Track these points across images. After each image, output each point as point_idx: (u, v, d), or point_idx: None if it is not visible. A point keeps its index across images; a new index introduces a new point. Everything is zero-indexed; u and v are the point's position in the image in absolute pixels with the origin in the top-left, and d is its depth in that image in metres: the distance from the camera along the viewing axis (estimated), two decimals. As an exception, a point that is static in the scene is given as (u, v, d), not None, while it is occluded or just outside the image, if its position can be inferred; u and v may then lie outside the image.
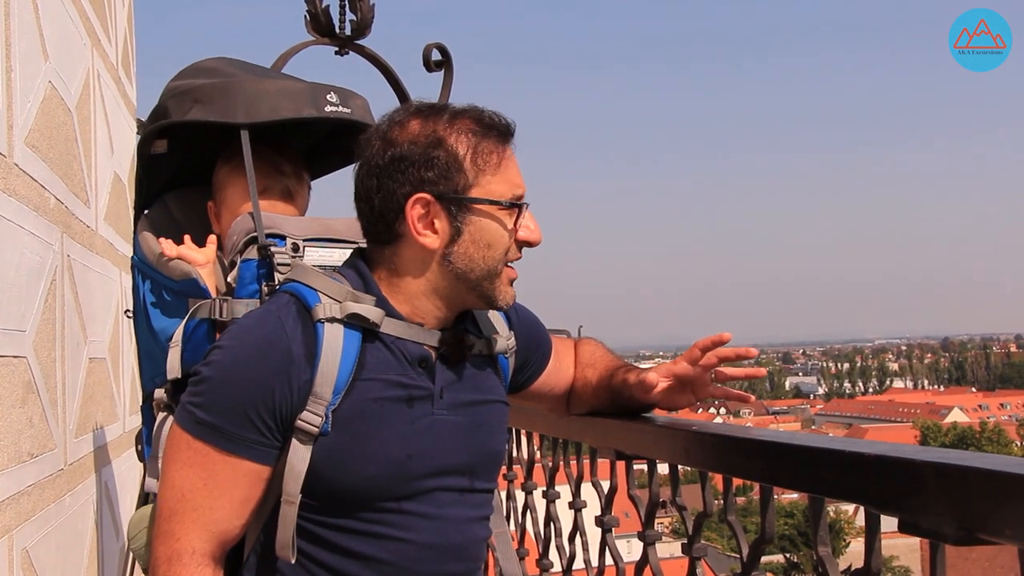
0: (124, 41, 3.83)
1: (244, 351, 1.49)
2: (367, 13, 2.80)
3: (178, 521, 1.49)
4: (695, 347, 1.88)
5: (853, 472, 1.32)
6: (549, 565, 2.87)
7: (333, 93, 1.98)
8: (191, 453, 1.49)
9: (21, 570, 1.87)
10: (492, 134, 1.58)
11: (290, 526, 1.50)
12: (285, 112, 1.92)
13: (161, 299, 1.93)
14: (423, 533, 1.56)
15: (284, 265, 1.71)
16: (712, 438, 1.71)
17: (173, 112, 1.94)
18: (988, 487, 1.09)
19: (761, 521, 1.62)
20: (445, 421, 1.59)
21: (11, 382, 1.86)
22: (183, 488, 1.49)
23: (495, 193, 1.57)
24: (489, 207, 1.56)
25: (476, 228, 1.56)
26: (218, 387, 1.48)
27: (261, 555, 1.57)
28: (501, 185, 1.57)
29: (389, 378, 1.54)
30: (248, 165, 1.85)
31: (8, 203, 1.87)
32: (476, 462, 1.65)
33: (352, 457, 1.50)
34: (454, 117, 1.58)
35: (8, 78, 1.91)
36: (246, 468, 1.49)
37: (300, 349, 1.49)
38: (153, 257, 1.95)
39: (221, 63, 2.08)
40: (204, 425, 1.48)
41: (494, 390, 1.73)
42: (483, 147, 1.57)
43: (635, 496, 2.19)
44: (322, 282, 1.56)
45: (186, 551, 1.48)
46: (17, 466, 1.88)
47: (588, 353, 2.05)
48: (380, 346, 1.55)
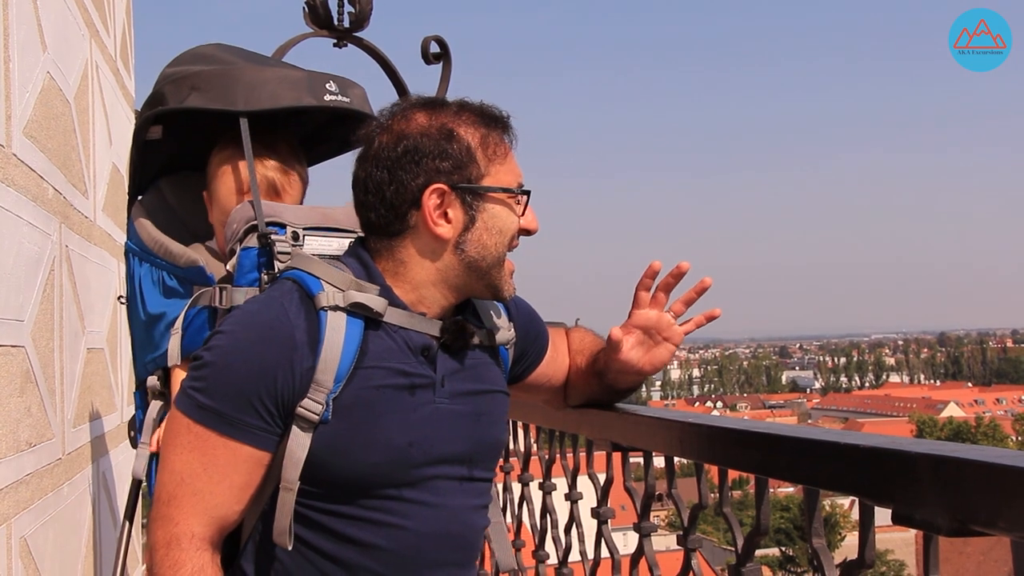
0: (123, 33, 3.83)
1: (247, 336, 1.50)
2: (365, 5, 2.80)
3: (177, 505, 1.49)
4: (637, 289, 1.86)
5: (847, 464, 1.33)
6: (545, 556, 2.88)
7: (332, 82, 1.99)
8: (191, 437, 1.49)
9: (20, 559, 1.88)
10: (497, 125, 1.63)
11: (288, 513, 1.50)
12: (285, 100, 1.92)
13: (162, 284, 1.93)
14: (422, 521, 1.57)
15: (284, 253, 1.71)
16: (707, 429, 1.72)
17: (170, 98, 1.94)
18: (982, 479, 1.09)
19: (756, 513, 1.63)
20: (446, 410, 1.60)
21: (9, 371, 1.86)
22: (182, 472, 1.49)
23: (505, 182, 1.61)
24: (501, 195, 1.60)
25: (489, 216, 1.60)
26: (220, 372, 1.48)
27: (259, 542, 1.57)
28: (509, 174, 1.62)
29: (391, 366, 1.55)
30: (247, 152, 1.85)
31: (7, 193, 1.87)
32: (476, 451, 1.65)
33: (353, 444, 1.50)
34: (460, 110, 1.61)
35: (7, 69, 1.91)
36: (246, 453, 1.50)
37: (303, 336, 1.49)
38: (152, 243, 1.95)
39: (218, 50, 2.07)
40: (205, 409, 1.48)
41: (495, 380, 1.74)
42: (491, 138, 1.61)
43: (631, 488, 2.20)
44: (325, 270, 1.57)
45: (185, 535, 1.48)
46: (15, 455, 1.88)
47: (578, 340, 2.05)
48: (382, 334, 1.56)
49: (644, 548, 2.10)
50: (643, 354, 1.88)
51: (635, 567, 2.13)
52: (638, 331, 1.87)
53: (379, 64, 2.88)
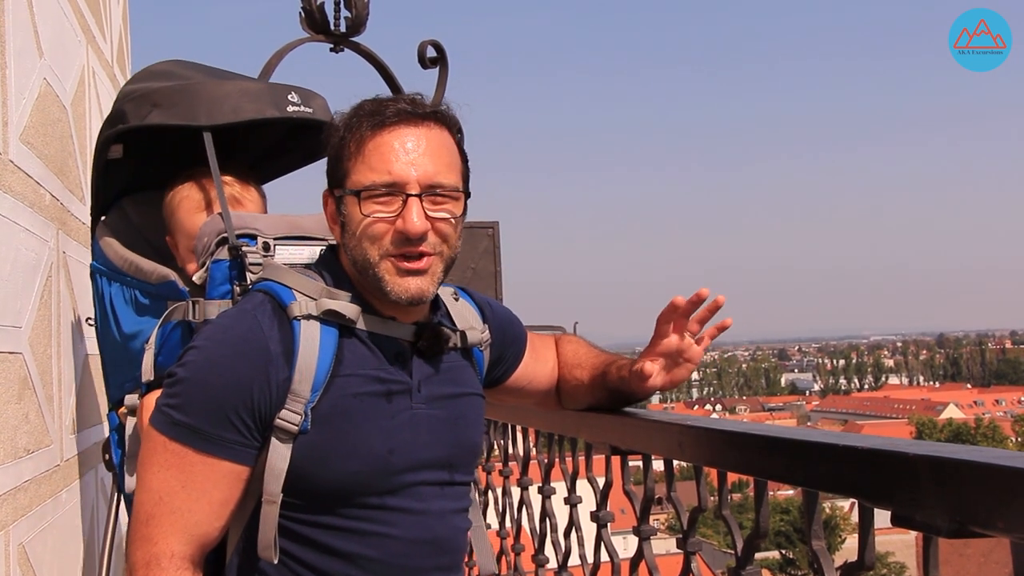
0: (119, 38, 3.83)
1: (220, 350, 1.48)
2: (362, 10, 2.80)
3: (156, 525, 1.47)
4: (659, 322, 1.86)
5: (846, 465, 1.32)
6: (545, 561, 2.88)
7: (294, 93, 1.98)
8: (168, 455, 1.47)
9: (18, 565, 1.87)
10: (370, 121, 1.54)
11: (272, 526, 1.49)
12: (247, 113, 1.91)
13: (134, 302, 1.90)
14: (407, 528, 1.56)
15: (256, 264, 1.69)
16: (706, 432, 1.72)
17: (131, 116, 1.92)
18: (981, 480, 1.09)
19: (756, 515, 1.62)
20: (424, 415, 1.59)
21: (7, 378, 1.86)
22: (160, 491, 1.47)
23: (355, 182, 1.54)
24: (351, 197, 1.55)
25: (348, 219, 1.56)
26: (195, 387, 1.46)
27: (243, 556, 1.55)
28: (362, 173, 1.54)
29: (367, 373, 1.54)
30: (213, 165, 1.83)
31: (3, 200, 1.87)
32: (455, 455, 1.65)
33: (334, 454, 1.49)
34: (356, 108, 1.58)
35: (3, 75, 1.91)
36: (225, 469, 1.47)
37: (278, 347, 1.48)
38: (121, 261, 1.93)
39: (175, 66, 2.06)
40: (180, 426, 1.46)
41: (470, 383, 1.73)
42: (356, 136, 1.55)
43: (630, 492, 2.20)
44: (296, 280, 1.56)
45: (164, 555, 1.46)
46: (13, 462, 1.88)
47: (572, 352, 2.04)
48: (357, 342, 1.55)
49: (644, 552, 2.10)
50: (665, 376, 1.90)
51: (635, 571, 2.12)
52: (661, 358, 1.88)
53: (376, 69, 2.89)
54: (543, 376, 2.01)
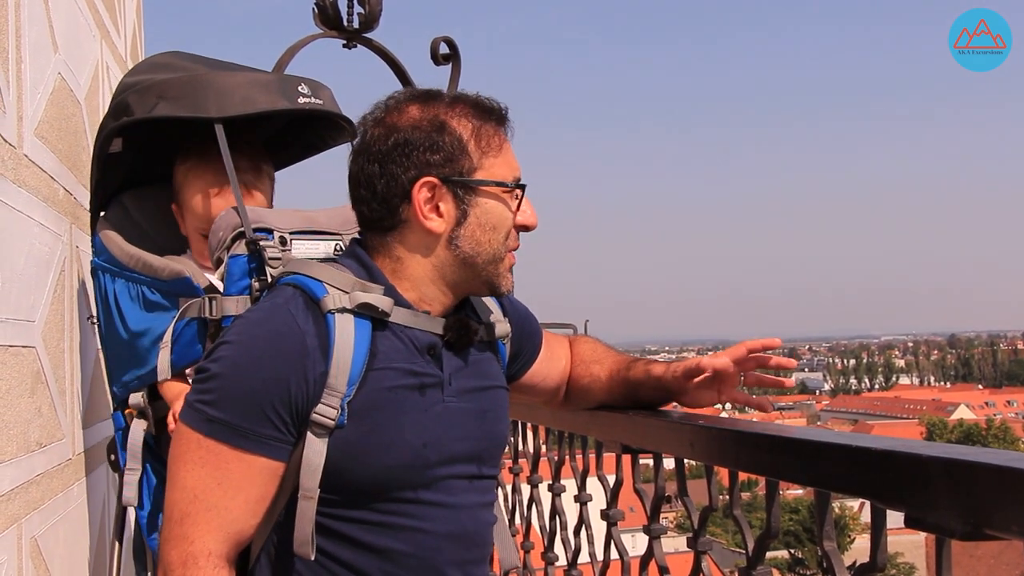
0: (133, 33, 3.84)
1: (256, 345, 1.47)
2: (375, 6, 2.80)
3: (192, 523, 1.45)
4: (743, 346, 1.84)
5: (859, 467, 1.32)
6: (554, 558, 2.88)
7: (304, 84, 1.95)
8: (202, 452, 1.46)
9: (30, 559, 1.88)
10: (491, 118, 1.60)
11: (309, 522, 1.47)
12: (260, 104, 1.88)
13: (142, 299, 1.88)
14: (440, 522, 1.56)
15: (275, 259, 1.68)
16: (717, 432, 1.71)
17: (136, 109, 1.88)
18: (995, 482, 1.08)
19: (767, 515, 1.62)
20: (455, 408, 1.59)
21: (20, 372, 1.87)
22: (195, 489, 1.46)
23: (498, 175, 1.58)
24: (494, 189, 1.57)
25: (482, 211, 1.57)
26: (230, 383, 1.45)
27: (274, 555, 1.54)
28: (503, 168, 1.59)
29: (401, 367, 1.53)
30: (226, 158, 1.81)
31: (18, 194, 1.88)
32: (484, 448, 1.65)
33: (370, 448, 1.49)
34: (453, 101, 1.59)
35: (18, 70, 1.91)
36: (261, 465, 1.47)
37: (314, 341, 1.47)
38: (126, 257, 1.91)
39: (175, 58, 2.03)
40: (216, 423, 1.45)
41: (496, 376, 1.73)
42: (485, 130, 1.58)
43: (640, 490, 2.20)
44: (327, 273, 1.54)
45: (202, 554, 1.45)
46: (26, 455, 1.89)
47: (589, 351, 2.04)
48: (390, 335, 1.54)
49: (654, 550, 2.10)
50: (699, 389, 1.88)
51: (644, 569, 2.12)
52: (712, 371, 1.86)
53: (388, 65, 2.88)
54: (556, 373, 2.01)
